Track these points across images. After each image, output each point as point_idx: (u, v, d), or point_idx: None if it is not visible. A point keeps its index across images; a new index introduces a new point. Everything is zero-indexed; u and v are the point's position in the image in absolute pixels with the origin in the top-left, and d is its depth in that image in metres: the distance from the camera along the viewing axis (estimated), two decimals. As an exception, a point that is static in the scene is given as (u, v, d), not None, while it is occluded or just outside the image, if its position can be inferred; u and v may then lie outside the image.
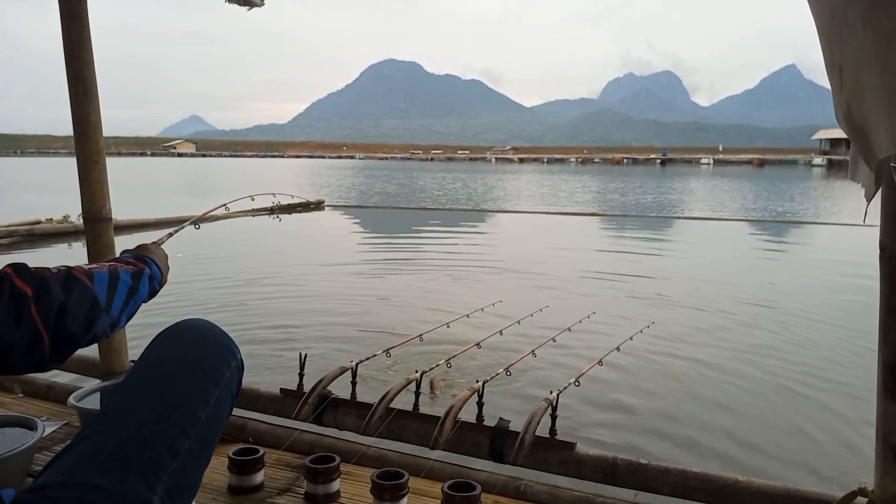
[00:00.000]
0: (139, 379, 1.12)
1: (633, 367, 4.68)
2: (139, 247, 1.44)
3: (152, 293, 1.33)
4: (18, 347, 0.95)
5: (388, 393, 2.08)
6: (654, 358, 4.96)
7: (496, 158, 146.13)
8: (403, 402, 2.09)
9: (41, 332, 0.97)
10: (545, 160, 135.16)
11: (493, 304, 3.77)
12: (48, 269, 1.05)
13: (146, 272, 1.29)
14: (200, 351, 1.16)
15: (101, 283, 1.13)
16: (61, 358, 1.03)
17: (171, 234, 1.71)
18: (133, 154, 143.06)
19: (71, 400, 2.02)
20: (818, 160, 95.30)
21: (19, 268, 1.00)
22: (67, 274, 1.06)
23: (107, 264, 1.20)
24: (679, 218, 18.60)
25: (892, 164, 0.98)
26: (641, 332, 3.12)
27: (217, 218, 1.97)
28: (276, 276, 8.13)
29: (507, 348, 4.15)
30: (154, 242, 1.54)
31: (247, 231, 12.33)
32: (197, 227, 1.91)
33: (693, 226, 16.53)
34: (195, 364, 1.14)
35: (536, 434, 1.89)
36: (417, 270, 9.03)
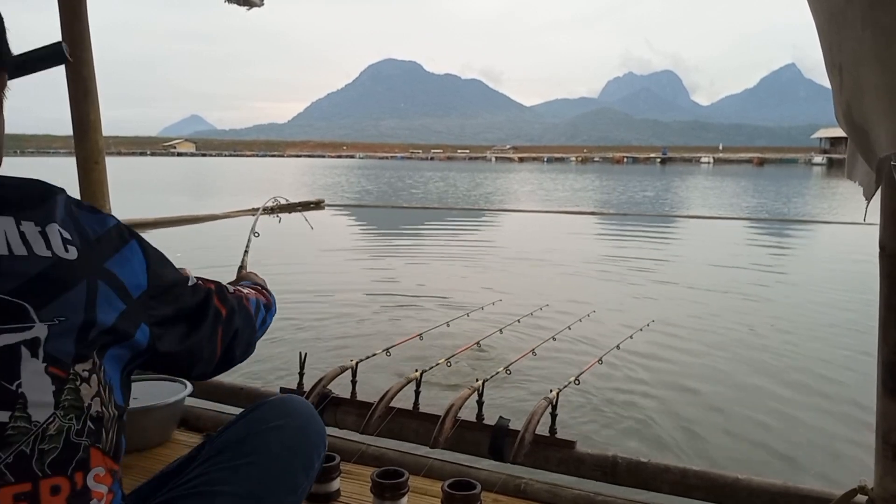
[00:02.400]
0: (243, 448, 1.10)
1: (634, 365, 4.68)
2: (250, 273, 1.48)
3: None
4: (203, 363, 1.01)
5: (388, 392, 2.08)
6: (654, 356, 4.96)
7: (496, 158, 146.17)
8: (403, 401, 2.09)
9: (216, 352, 1.02)
10: (545, 159, 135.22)
11: (493, 303, 3.77)
12: (234, 291, 1.10)
13: (273, 308, 1.31)
14: (302, 440, 1.17)
15: (257, 313, 1.17)
16: (212, 376, 1.09)
17: (246, 253, 1.73)
18: (133, 154, 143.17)
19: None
20: (818, 159, 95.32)
21: (221, 289, 1.06)
22: (239, 301, 1.10)
23: (253, 291, 1.22)
24: (679, 216, 18.60)
25: (892, 163, 0.98)
26: (641, 330, 3.12)
27: (217, 217, 1.98)
28: (275, 276, 8.10)
29: (508, 347, 4.15)
30: (243, 268, 1.58)
31: (246, 230, 12.30)
32: (257, 234, 1.96)
33: (693, 224, 16.53)
34: (295, 453, 1.15)
35: (536, 433, 1.89)
36: (416, 269, 9.03)
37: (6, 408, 0.64)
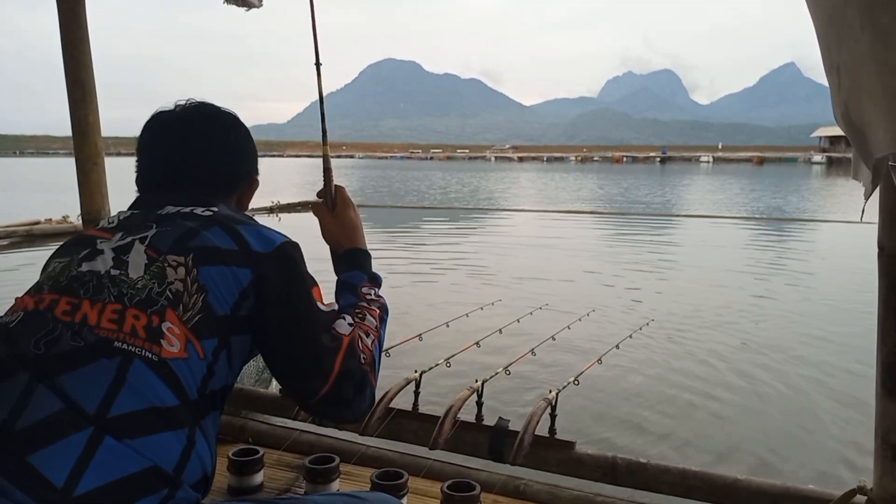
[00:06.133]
0: None
1: (633, 365, 4.69)
2: (361, 254, 1.34)
3: None
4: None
5: (387, 393, 2.08)
6: (653, 356, 4.97)
7: (495, 157, 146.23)
8: (402, 401, 2.09)
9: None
10: (545, 159, 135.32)
11: (493, 303, 3.77)
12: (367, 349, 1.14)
13: (386, 315, 1.27)
14: None
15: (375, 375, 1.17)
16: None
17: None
18: (133, 154, 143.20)
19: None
20: (818, 158, 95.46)
21: (373, 362, 1.14)
22: (364, 379, 1.11)
23: (375, 334, 1.19)
24: (677, 216, 18.61)
25: (889, 164, 0.98)
26: (640, 329, 3.13)
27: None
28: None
29: (507, 347, 4.14)
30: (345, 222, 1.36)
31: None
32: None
33: (691, 223, 16.54)
34: None
35: (536, 433, 1.89)
36: (416, 269, 9.03)
37: (119, 268, 1.01)
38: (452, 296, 7.20)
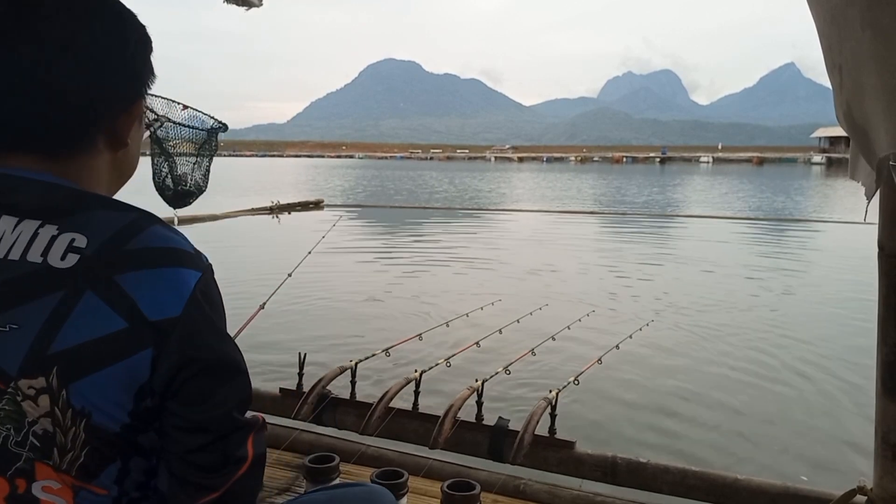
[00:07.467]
0: None
1: (633, 365, 4.68)
2: None
3: None
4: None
5: (387, 392, 2.08)
6: (653, 356, 4.96)
7: (495, 157, 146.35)
8: (403, 401, 2.09)
9: None
10: (544, 159, 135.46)
11: (493, 304, 3.77)
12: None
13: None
14: None
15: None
16: None
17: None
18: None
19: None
20: (817, 158, 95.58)
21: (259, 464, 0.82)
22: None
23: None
24: (677, 216, 18.61)
25: (891, 163, 0.98)
26: (640, 329, 3.13)
27: (217, 217, 1.97)
28: (273, 275, 8.09)
29: (507, 347, 4.14)
30: None
31: (245, 229, 12.35)
32: (290, 274, 1.92)
33: (692, 224, 16.54)
34: None
35: (536, 433, 1.89)
36: (416, 269, 9.03)
37: None
38: (452, 296, 7.20)
